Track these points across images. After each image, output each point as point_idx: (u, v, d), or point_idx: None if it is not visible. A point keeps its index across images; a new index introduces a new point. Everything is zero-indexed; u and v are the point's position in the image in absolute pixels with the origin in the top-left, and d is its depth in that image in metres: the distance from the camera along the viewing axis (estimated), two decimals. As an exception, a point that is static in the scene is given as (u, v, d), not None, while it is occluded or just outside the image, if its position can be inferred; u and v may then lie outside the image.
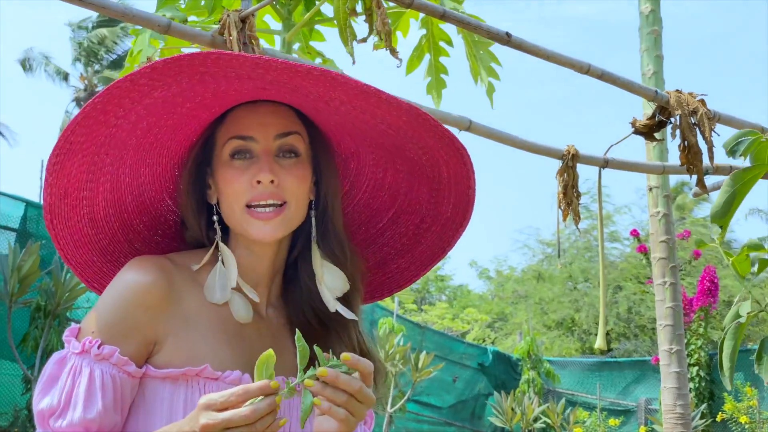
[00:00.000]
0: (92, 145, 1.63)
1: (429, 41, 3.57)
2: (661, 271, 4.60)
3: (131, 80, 1.53)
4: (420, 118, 1.67)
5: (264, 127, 1.70)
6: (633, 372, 17.44)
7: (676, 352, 4.50)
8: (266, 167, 1.66)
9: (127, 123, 1.62)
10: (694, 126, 3.46)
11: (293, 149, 1.72)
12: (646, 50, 4.67)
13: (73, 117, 1.58)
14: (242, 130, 1.70)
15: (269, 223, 1.67)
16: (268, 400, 1.40)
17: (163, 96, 1.59)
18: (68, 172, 1.64)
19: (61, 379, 1.57)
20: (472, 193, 1.86)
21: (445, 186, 1.86)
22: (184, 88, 1.59)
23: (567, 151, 3.61)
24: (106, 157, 1.67)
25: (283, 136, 1.71)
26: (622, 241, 29.53)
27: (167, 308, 1.65)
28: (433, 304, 34.59)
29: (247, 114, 1.71)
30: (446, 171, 1.83)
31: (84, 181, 1.68)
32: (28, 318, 10.23)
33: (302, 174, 1.72)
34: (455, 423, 17.26)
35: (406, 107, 1.63)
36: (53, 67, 34.39)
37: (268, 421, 1.41)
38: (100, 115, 1.58)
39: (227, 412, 1.39)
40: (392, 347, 12.27)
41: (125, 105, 1.58)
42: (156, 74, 1.53)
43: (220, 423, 1.39)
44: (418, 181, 1.88)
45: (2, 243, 9.87)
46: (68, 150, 1.60)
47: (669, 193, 4.65)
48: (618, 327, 26.95)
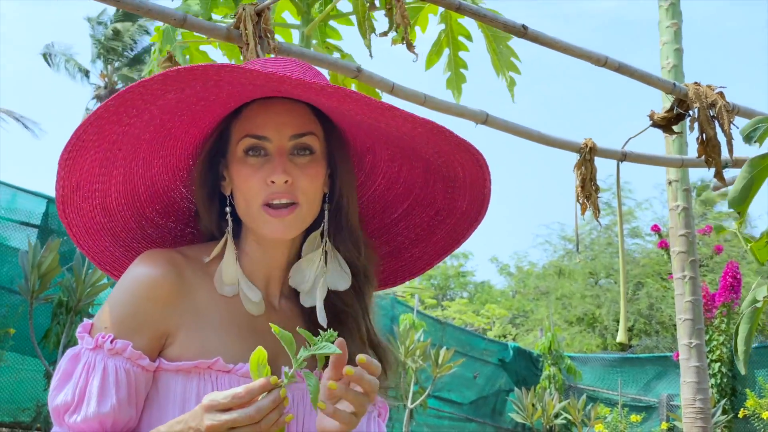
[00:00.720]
0: (105, 142, 1.63)
1: (448, 36, 3.57)
2: (681, 264, 4.57)
3: (143, 86, 1.54)
4: (435, 129, 1.68)
5: (279, 127, 1.69)
6: (654, 368, 17.37)
7: (695, 346, 4.47)
8: (279, 168, 1.66)
9: (140, 121, 1.63)
10: (713, 119, 3.45)
11: (308, 148, 1.71)
12: (665, 43, 4.65)
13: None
14: (257, 129, 1.69)
15: (283, 221, 1.67)
16: (271, 396, 1.41)
17: (177, 98, 1.60)
18: (80, 167, 1.65)
19: (75, 375, 1.58)
20: (487, 192, 1.86)
21: (461, 185, 1.86)
22: (198, 90, 1.59)
23: (584, 144, 3.61)
24: (119, 152, 1.68)
25: (298, 137, 1.70)
26: (644, 237, 29.45)
27: (178, 301, 1.66)
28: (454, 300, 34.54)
29: (262, 112, 1.70)
30: (462, 172, 1.83)
31: (96, 174, 1.69)
32: (49, 314, 10.29)
33: (316, 172, 1.72)
34: (476, 419, 17.25)
35: (422, 122, 1.64)
36: (74, 63, 34.54)
37: (273, 418, 1.42)
38: (113, 116, 1.59)
39: (232, 413, 1.40)
40: (412, 343, 12.28)
41: (138, 106, 1.59)
42: (169, 81, 1.54)
43: (225, 424, 1.39)
44: (433, 178, 1.87)
45: (23, 239, 9.93)
46: (80, 147, 1.61)
47: (689, 186, 4.62)
48: (639, 323, 26.84)
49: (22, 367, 10.85)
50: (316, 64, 3.01)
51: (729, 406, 12.09)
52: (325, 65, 2.98)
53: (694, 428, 4.43)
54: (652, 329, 26.73)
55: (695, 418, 4.42)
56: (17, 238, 10.84)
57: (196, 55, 3.25)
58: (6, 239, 10.96)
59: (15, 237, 10.95)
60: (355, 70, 3.03)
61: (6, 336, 10.02)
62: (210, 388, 1.59)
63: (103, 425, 1.56)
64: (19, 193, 11.22)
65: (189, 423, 1.44)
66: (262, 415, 1.39)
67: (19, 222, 11.08)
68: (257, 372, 1.42)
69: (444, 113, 3.30)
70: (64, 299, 10.00)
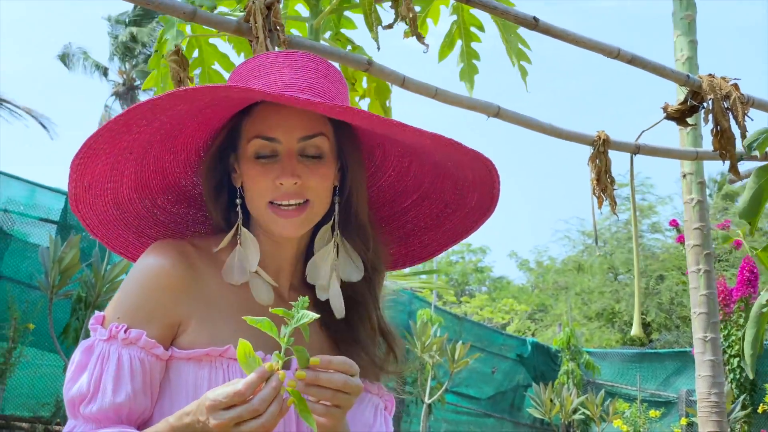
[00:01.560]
0: (115, 149, 1.66)
1: (460, 27, 3.56)
2: (696, 258, 4.55)
3: (152, 104, 1.57)
4: (443, 140, 1.68)
5: (289, 129, 1.69)
6: (674, 363, 17.29)
7: (710, 340, 4.45)
8: (289, 170, 1.67)
9: (150, 128, 1.65)
10: (727, 111, 3.42)
11: (318, 150, 1.72)
12: (679, 35, 4.62)
13: (111, 112, 1.62)
14: (267, 131, 1.69)
15: (292, 221, 1.68)
16: (271, 383, 1.41)
17: (187, 108, 1.63)
18: (92, 170, 1.67)
19: (90, 365, 1.59)
20: (496, 192, 1.87)
21: (470, 184, 1.87)
22: (208, 101, 1.62)
23: (598, 137, 3.59)
24: (129, 155, 1.70)
25: (307, 139, 1.70)
26: (664, 232, 29.35)
27: (188, 290, 1.67)
28: (473, 295, 34.54)
29: (273, 113, 1.70)
30: (471, 174, 1.83)
31: (108, 175, 1.71)
32: (69, 309, 10.34)
33: (326, 172, 1.72)
34: (494, 414, 17.24)
35: (430, 135, 1.65)
36: (92, 61, 34.67)
37: (276, 407, 1.42)
38: (123, 127, 1.61)
39: (236, 409, 1.39)
40: (429, 338, 12.27)
41: (148, 117, 1.61)
42: (177, 99, 1.57)
43: (231, 421, 1.39)
44: (443, 174, 1.88)
45: (43, 235, 9.98)
46: (91, 154, 1.64)
47: (703, 179, 4.59)
48: (659, 318, 26.78)
49: (41, 362, 10.93)
50: (327, 57, 3.00)
51: (749, 401, 12.02)
52: (335, 58, 2.98)
53: (709, 422, 4.41)
54: (672, 324, 26.66)
55: (710, 412, 4.40)
56: (36, 234, 10.91)
57: (206, 48, 3.25)
58: (26, 235, 11.03)
59: (34, 233, 11.02)
60: (366, 63, 3.02)
61: (26, 331, 10.09)
62: (221, 376, 1.60)
63: (118, 415, 1.57)
64: (38, 189, 11.29)
65: (197, 416, 1.45)
66: (266, 405, 1.39)
67: (38, 218, 11.15)
68: (248, 365, 1.42)
69: (455, 106, 3.29)
70: (83, 295, 10.05)
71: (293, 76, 1.68)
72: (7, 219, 10.77)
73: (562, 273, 32.44)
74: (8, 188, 11.01)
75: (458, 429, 16.39)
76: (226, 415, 1.39)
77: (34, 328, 10.18)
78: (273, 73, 1.68)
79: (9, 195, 10.90)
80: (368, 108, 3.53)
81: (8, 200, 10.84)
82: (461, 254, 37.98)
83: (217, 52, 3.30)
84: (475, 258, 38.42)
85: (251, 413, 1.38)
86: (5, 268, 10.69)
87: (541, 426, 18.08)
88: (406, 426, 14.94)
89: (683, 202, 4.64)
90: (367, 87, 3.49)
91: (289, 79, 1.67)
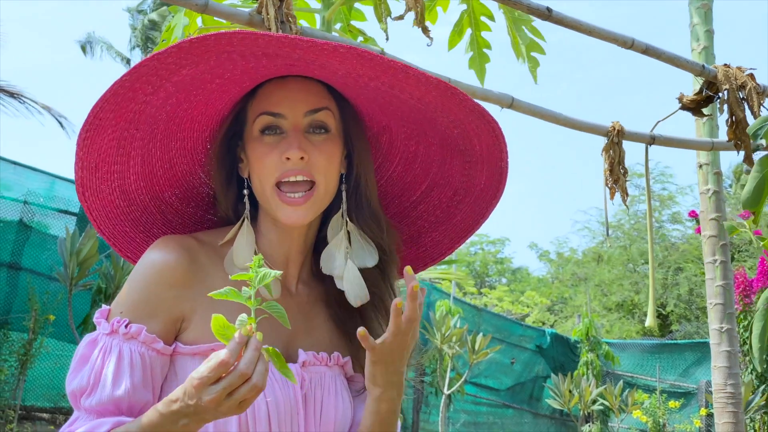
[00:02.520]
0: (121, 120, 1.63)
1: (470, 16, 3.54)
2: (712, 249, 4.52)
3: (157, 59, 1.53)
4: (448, 91, 1.65)
5: (294, 103, 1.70)
6: (694, 354, 17.24)
7: (726, 331, 4.43)
8: (295, 144, 1.66)
9: (156, 99, 1.63)
10: (743, 101, 3.40)
11: (323, 125, 1.72)
12: (695, 25, 4.59)
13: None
14: (272, 106, 1.70)
15: (298, 209, 1.68)
16: (251, 344, 1.40)
17: (192, 73, 1.60)
18: (98, 147, 1.65)
19: (92, 359, 1.60)
20: (504, 165, 1.85)
21: (478, 159, 1.85)
22: (212, 66, 1.59)
23: (612, 127, 3.57)
24: (136, 132, 1.68)
25: (313, 113, 1.71)
26: (684, 223, 29.22)
27: (192, 285, 1.67)
28: (493, 287, 34.51)
29: (277, 89, 1.71)
30: (478, 144, 1.81)
31: (114, 155, 1.69)
32: (88, 301, 10.41)
33: (332, 150, 1.72)
34: (513, 405, 17.25)
35: (435, 81, 1.61)
36: (114, 51, 34.74)
37: (263, 365, 1.41)
38: (128, 92, 1.59)
39: (225, 380, 1.38)
40: (448, 329, 12.28)
41: (153, 82, 1.58)
42: (182, 53, 1.53)
43: (222, 392, 1.38)
44: (450, 154, 1.87)
45: (63, 227, 10.04)
46: (98, 126, 1.61)
47: (719, 170, 4.56)
48: (679, 309, 26.68)
49: (61, 353, 10.99)
50: (339, 48, 3.00)
51: (770, 392, 11.96)
52: (347, 50, 2.97)
53: (725, 413, 4.39)
54: (692, 315, 26.57)
55: (726, 403, 4.38)
56: (56, 225, 10.98)
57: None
58: (45, 227, 11.10)
59: (54, 225, 11.08)
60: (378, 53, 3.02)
61: (46, 322, 10.15)
62: None
63: (118, 408, 1.57)
64: (57, 181, 11.35)
65: (186, 401, 1.43)
66: (253, 366, 1.38)
67: (58, 210, 11.21)
68: (225, 335, 1.41)
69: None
70: (103, 286, 10.10)
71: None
72: (27, 211, 10.83)
73: (581, 264, 32.36)
74: (28, 180, 11.08)
75: (477, 420, 16.42)
76: (216, 389, 1.38)
77: (55, 320, 10.25)
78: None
79: (29, 187, 10.97)
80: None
81: (28, 192, 10.90)
82: (480, 245, 37.96)
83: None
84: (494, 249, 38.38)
85: (240, 378, 1.37)
86: (26, 260, 10.76)
87: (560, 417, 18.09)
88: (425, 417, 14.96)
89: (699, 193, 4.62)
90: (380, 78, 3.48)
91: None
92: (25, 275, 10.63)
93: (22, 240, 10.76)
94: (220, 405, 1.39)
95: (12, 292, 10.58)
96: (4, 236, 10.66)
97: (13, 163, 11.14)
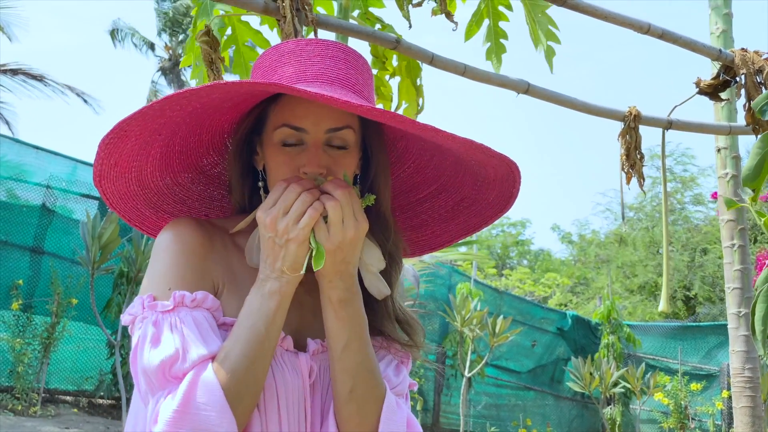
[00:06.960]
0: (145, 131, 1.65)
1: (488, 6, 3.54)
2: (730, 233, 4.52)
3: (197, 94, 1.56)
4: (475, 148, 1.67)
5: (317, 119, 1.68)
6: (716, 336, 17.16)
7: (744, 315, 4.43)
8: (315, 160, 1.66)
9: (183, 113, 1.65)
10: (760, 85, 3.40)
11: (344, 144, 1.71)
12: (714, 8, 4.57)
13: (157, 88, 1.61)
14: (295, 120, 1.69)
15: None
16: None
17: (221, 96, 1.63)
18: (120, 150, 1.66)
19: (166, 334, 1.55)
20: (516, 191, 1.85)
21: (491, 182, 1.86)
22: (245, 90, 1.62)
23: (629, 112, 3.58)
24: (158, 136, 1.70)
25: (334, 131, 1.70)
26: (707, 204, 29.08)
27: (215, 256, 1.69)
28: (514, 269, 34.46)
29: (301, 103, 1.70)
30: (492, 173, 1.82)
31: (135, 155, 1.71)
32: (110, 284, 10.50)
33: (350, 163, 1.72)
34: (534, 387, 17.26)
35: (461, 141, 1.63)
36: (139, 37, 34.81)
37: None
38: (157, 112, 1.60)
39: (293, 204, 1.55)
40: (469, 312, 12.30)
41: (182, 103, 1.60)
42: (216, 91, 1.56)
43: (295, 210, 1.54)
44: (463, 171, 1.87)
45: (84, 211, 10.12)
46: (122, 135, 1.62)
47: (738, 153, 4.56)
48: (703, 291, 26.59)
49: (84, 336, 11.10)
50: (355, 36, 3.01)
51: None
52: (363, 37, 2.99)
53: (743, 397, 4.39)
54: (716, 297, 26.47)
55: (744, 387, 4.39)
56: (79, 210, 11.06)
57: (239, 26, 3.25)
58: (68, 211, 11.19)
59: (77, 209, 11.17)
60: (395, 41, 3.03)
61: (69, 306, 10.25)
62: None
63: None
64: (79, 165, 11.42)
65: (270, 270, 1.57)
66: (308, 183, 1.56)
67: (80, 194, 11.29)
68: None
69: (484, 83, 3.29)
70: (125, 270, 10.18)
71: (324, 66, 1.68)
72: (49, 195, 10.92)
73: (603, 246, 32.29)
74: (51, 165, 11.16)
75: (498, 402, 16.45)
76: (288, 218, 1.53)
77: (77, 303, 10.34)
78: (304, 61, 1.68)
79: (52, 171, 11.05)
80: (399, 86, 3.53)
81: (51, 177, 10.98)
82: (501, 227, 37.90)
83: (250, 29, 3.30)
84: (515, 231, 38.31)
85: (305, 185, 1.56)
86: (48, 244, 10.87)
87: (581, 399, 18.08)
88: (446, 399, 15.01)
89: (717, 177, 4.61)
90: (397, 65, 3.49)
91: (319, 69, 1.67)
92: (47, 259, 10.73)
93: (44, 224, 10.86)
94: (288, 232, 1.53)
95: (35, 276, 10.68)
96: (27, 220, 10.76)
97: (35, 147, 11.22)
